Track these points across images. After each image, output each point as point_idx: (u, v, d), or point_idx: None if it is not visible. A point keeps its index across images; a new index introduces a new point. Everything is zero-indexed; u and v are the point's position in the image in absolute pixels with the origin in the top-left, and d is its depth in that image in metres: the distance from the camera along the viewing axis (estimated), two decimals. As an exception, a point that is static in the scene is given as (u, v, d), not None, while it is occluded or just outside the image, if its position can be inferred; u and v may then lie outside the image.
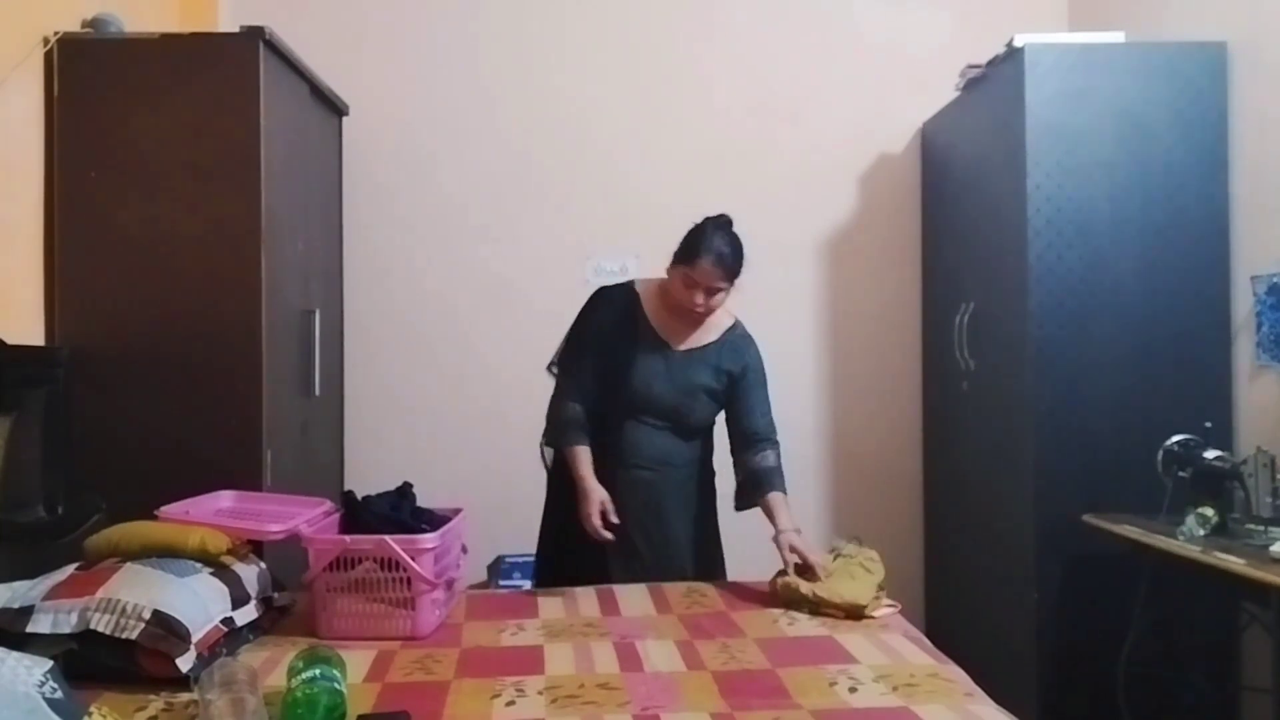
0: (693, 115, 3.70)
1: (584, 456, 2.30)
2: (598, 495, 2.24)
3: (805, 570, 2.20)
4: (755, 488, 2.37)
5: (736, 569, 2.56)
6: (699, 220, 2.37)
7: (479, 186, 3.67)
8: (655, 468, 2.40)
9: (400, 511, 2.14)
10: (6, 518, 2.15)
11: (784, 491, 2.36)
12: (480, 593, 2.33)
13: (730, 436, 2.45)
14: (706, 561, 2.49)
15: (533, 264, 3.63)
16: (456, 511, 2.27)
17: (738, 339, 2.46)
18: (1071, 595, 2.80)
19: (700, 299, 2.32)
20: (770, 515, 2.33)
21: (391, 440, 3.62)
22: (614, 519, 2.23)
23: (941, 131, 3.56)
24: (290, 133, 2.89)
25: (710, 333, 2.43)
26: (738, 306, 3.67)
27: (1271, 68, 2.72)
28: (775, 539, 2.30)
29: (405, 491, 2.22)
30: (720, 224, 2.35)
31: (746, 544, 3.53)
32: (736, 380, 2.41)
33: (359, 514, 2.13)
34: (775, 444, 2.42)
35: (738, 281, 2.35)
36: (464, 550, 2.27)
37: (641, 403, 2.36)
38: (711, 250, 2.28)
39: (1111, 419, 2.82)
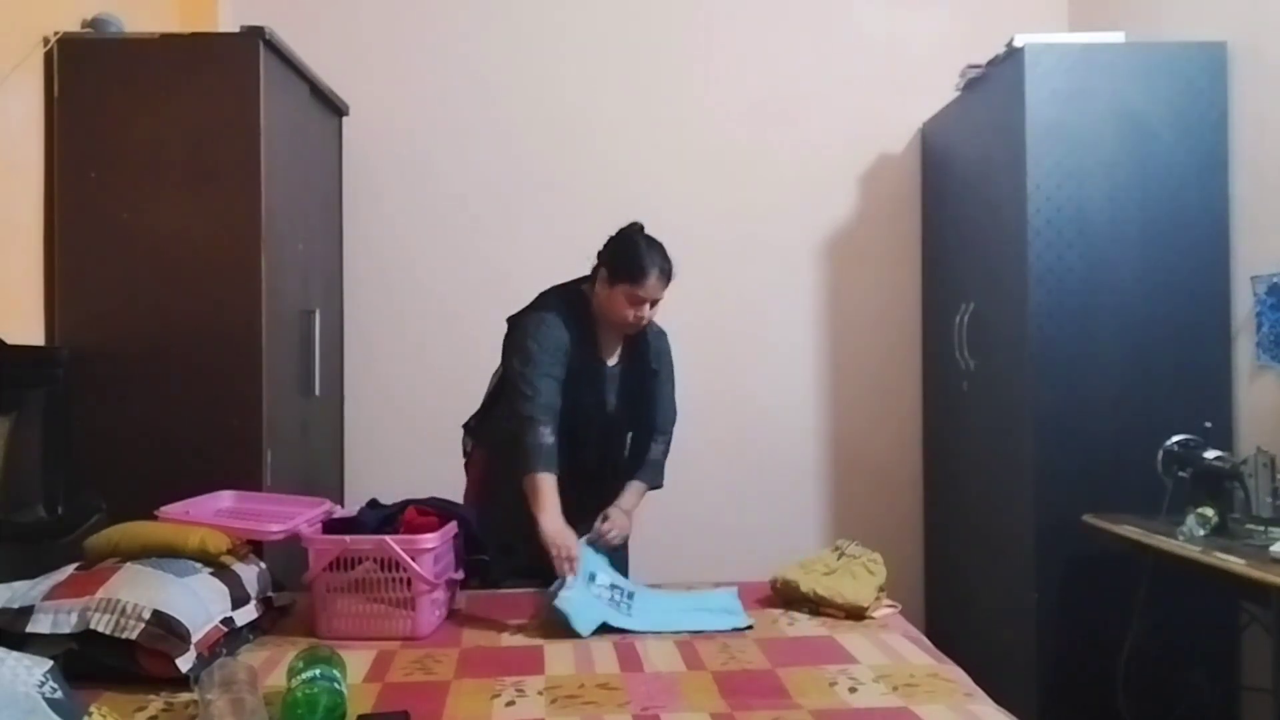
0: (693, 115, 3.69)
1: (553, 484, 2.21)
2: (567, 541, 2.14)
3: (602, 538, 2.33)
4: (628, 472, 2.47)
5: (735, 569, 2.56)
6: (618, 233, 2.41)
7: (479, 186, 3.67)
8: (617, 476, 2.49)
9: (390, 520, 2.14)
10: (6, 518, 2.15)
11: (648, 483, 2.48)
12: (480, 593, 2.33)
13: None
14: None
15: (533, 263, 3.60)
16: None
17: (654, 336, 2.50)
18: (1071, 595, 2.79)
19: (645, 313, 2.34)
20: (622, 494, 2.43)
21: (391, 440, 3.62)
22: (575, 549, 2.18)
23: (941, 131, 3.56)
24: (290, 133, 2.89)
25: (636, 338, 2.45)
26: (738, 305, 3.70)
27: (1271, 68, 2.72)
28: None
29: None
30: (646, 236, 2.38)
31: (746, 543, 3.54)
32: (655, 373, 2.49)
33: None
34: (666, 437, 2.53)
35: None
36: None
37: (604, 426, 2.40)
38: (655, 264, 2.31)
39: (1111, 419, 2.82)
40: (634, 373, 2.44)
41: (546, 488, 2.19)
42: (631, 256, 2.31)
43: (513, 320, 2.44)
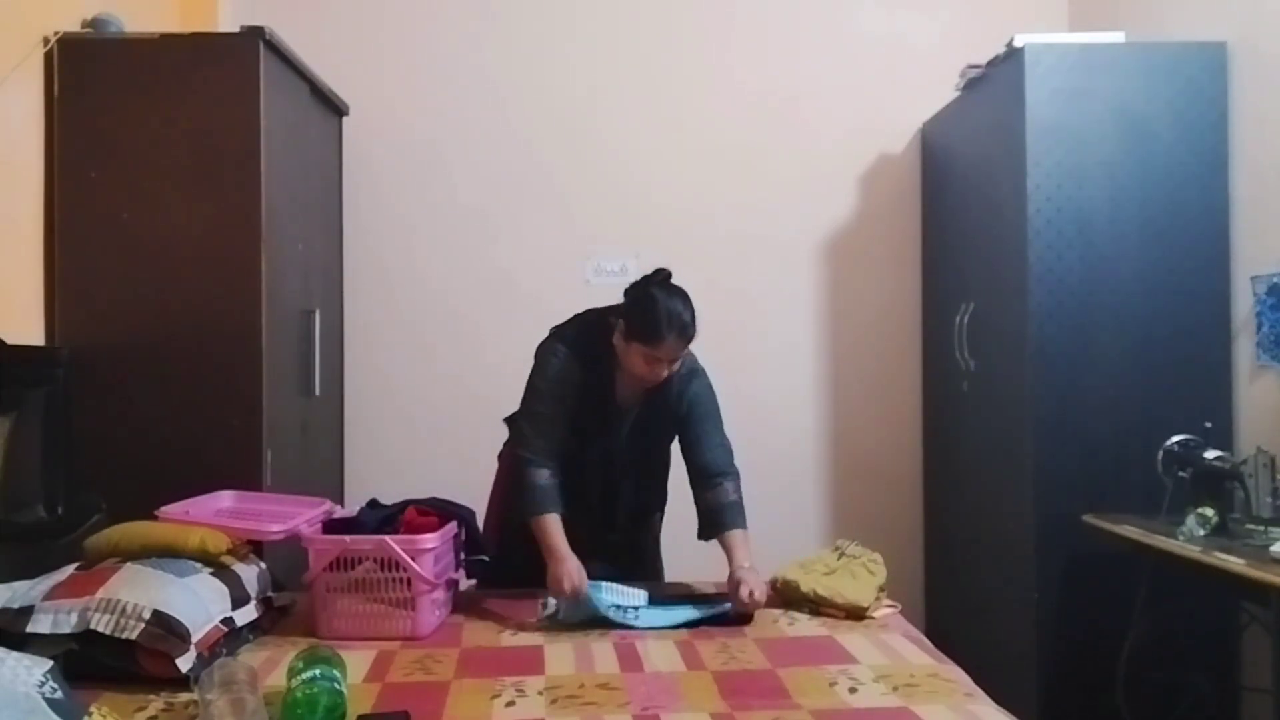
0: (693, 115, 3.70)
1: (557, 524, 2.18)
2: (573, 565, 2.11)
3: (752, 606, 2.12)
4: (715, 524, 2.25)
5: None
6: (640, 282, 2.21)
7: (479, 186, 3.68)
8: (629, 523, 2.40)
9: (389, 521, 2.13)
10: (6, 518, 2.15)
11: (743, 527, 2.25)
12: (480, 593, 2.33)
13: (687, 469, 2.32)
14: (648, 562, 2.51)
15: (533, 264, 3.63)
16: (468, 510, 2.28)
17: (682, 379, 2.27)
18: (1071, 595, 2.80)
19: (665, 371, 2.18)
20: (728, 552, 2.22)
21: (391, 440, 3.63)
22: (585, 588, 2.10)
23: (941, 131, 3.56)
24: (290, 133, 2.89)
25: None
26: (738, 304, 3.70)
27: (1271, 68, 2.72)
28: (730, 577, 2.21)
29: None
30: (668, 288, 2.18)
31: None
32: (684, 418, 2.29)
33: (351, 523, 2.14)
34: (732, 476, 2.28)
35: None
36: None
37: (607, 468, 2.30)
38: (674, 325, 2.11)
39: (1111, 419, 2.82)
40: (652, 416, 2.28)
41: (550, 529, 2.16)
42: (647, 316, 2.12)
43: (542, 342, 2.33)
